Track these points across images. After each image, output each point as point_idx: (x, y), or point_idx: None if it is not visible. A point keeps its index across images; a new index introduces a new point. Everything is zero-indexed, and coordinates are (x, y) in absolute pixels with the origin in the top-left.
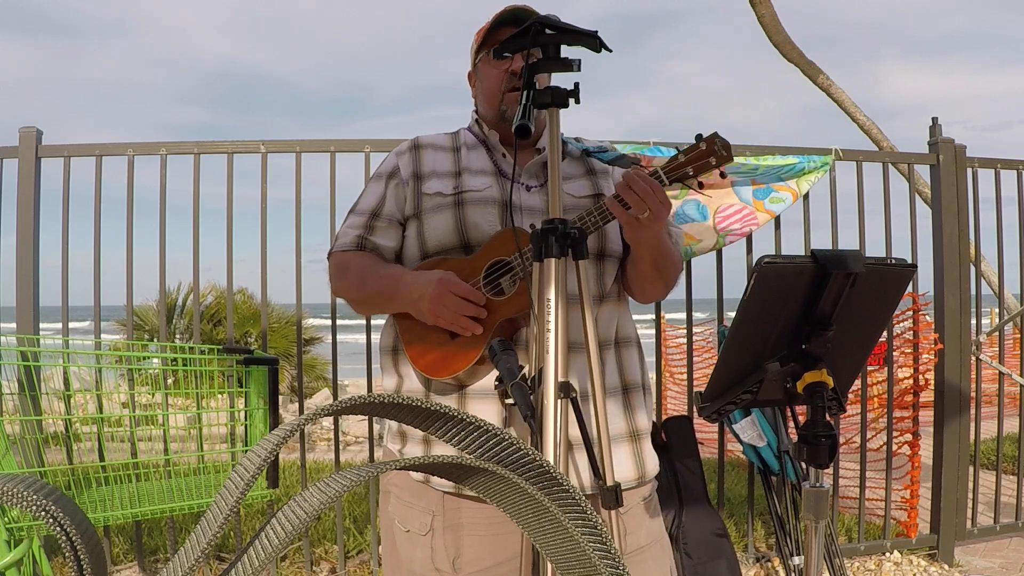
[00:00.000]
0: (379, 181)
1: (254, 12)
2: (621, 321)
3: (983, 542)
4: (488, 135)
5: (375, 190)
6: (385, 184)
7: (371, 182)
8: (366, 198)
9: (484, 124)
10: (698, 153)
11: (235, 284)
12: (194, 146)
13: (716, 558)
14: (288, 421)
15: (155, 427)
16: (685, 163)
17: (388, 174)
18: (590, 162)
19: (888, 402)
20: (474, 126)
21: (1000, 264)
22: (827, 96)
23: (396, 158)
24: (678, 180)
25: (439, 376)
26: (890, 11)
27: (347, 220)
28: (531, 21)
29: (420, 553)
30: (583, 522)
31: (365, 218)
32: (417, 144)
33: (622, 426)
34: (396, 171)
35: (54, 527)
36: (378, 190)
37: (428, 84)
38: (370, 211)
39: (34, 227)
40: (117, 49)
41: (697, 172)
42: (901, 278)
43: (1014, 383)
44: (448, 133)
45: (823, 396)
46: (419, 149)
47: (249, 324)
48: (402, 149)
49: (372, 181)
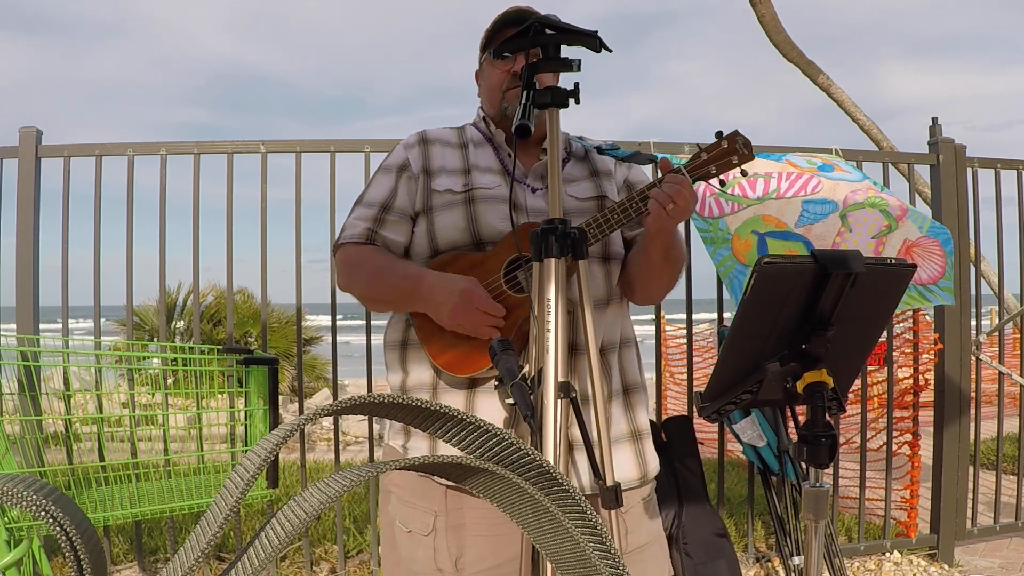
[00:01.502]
0: (388, 173)
1: (254, 12)
2: (624, 323)
3: (983, 542)
4: (495, 133)
5: (385, 182)
6: (396, 177)
7: (379, 174)
8: (375, 190)
9: (491, 122)
10: (720, 151)
11: (235, 284)
12: (194, 146)
13: (716, 558)
14: (288, 421)
15: (155, 427)
16: (708, 161)
17: (399, 167)
18: (594, 163)
19: (888, 402)
20: (480, 123)
21: (1000, 264)
22: (827, 96)
23: (405, 151)
24: (701, 178)
25: (460, 374)
26: (890, 11)
27: (354, 211)
28: (531, 21)
29: (422, 553)
30: (583, 522)
31: (375, 210)
32: (425, 138)
33: (624, 427)
34: (407, 164)
35: (54, 527)
36: (388, 183)
37: (428, 84)
38: (380, 203)
39: (34, 227)
40: (117, 49)
41: (720, 170)
42: (901, 278)
43: (1014, 383)
44: (454, 128)
45: (823, 396)
46: (428, 143)
47: (249, 324)
48: (410, 142)
49: (380, 173)
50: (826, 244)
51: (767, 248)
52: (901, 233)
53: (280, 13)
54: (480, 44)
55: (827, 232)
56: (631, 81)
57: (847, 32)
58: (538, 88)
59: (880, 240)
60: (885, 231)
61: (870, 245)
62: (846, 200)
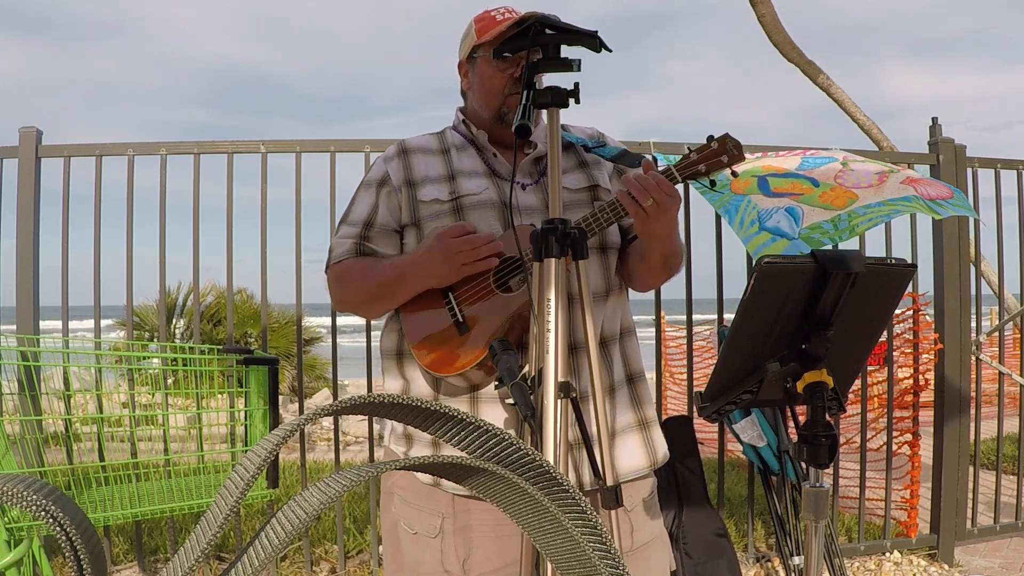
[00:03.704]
0: (369, 190)
1: (255, 12)
2: (624, 312)
3: (983, 542)
4: (477, 135)
5: (366, 199)
6: (376, 192)
7: (360, 190)
8: (358, 208)
9: (471, 124)
10: (710, 152)
11: (235, 284)
12: (194, 146)
13: (716, 558)
14: (288, 421)
15: (155, 427)
16: (697, 160)
17: (378, 182)
18: (581, 152)
19: (888, 402)
20: (460, 126)
21: (1000, 264)
22: (827, 96)
23: (384, 164)
24: (691, 177)
25: (445, 372)
26: (891, 11)
27: (339, 231)
28: (531, 21)
29: (429, 556)
30: (583, 522)
31: (359, 228)
32: (404, 148)
33: (631, 417)
34: (387, 179)
35: (54, 527)
36: (369, 199)
37: (428, 84)
38: (363, 222)
39: (34, 227)
40: (118, 49)
41: (709, 169)
42: (901, 278)
43: (1014, 383)
44: (433, 134)
45: (823, 396)
46: (407, 154)
47: (249, 324)
48: (390, 155)
49: (361, 189)
50: (828, 179)
51: (768, 185)
52: (904, 173)
53: (281, 13)
54: (472, 35)
55: (828, 170)
56: (631, 81)
57: (847, 32)
58: (538, 88)
59: (883, 175)
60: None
61: (874, 178)
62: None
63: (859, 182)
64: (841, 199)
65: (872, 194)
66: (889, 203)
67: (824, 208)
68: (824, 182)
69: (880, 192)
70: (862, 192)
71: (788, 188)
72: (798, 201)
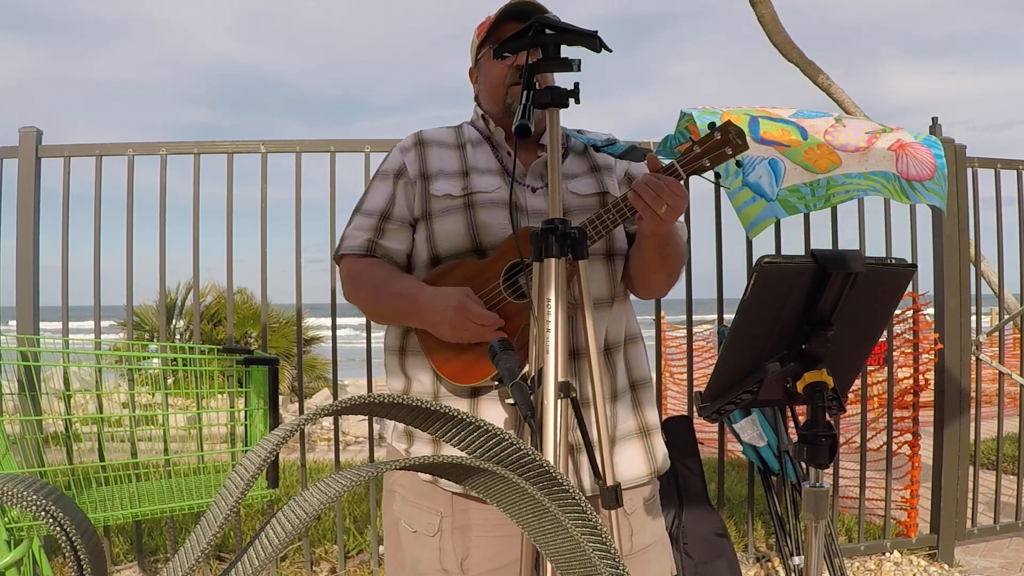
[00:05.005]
0: (386, 180)
1: (255, 12)
2: (629, 318)
3: (983, 542)
4: (493, 132)
5: (383, 189)
6: (393, 183)
7: (376, 180)
8: (374, 197)
9: (490, 120)
10: (713, 143)
11: (235, 284)
12: (194, 146)
13: (716, 558)
14: (288, 421)
15: (155, 427)
16: (701, 154)
17: (396, 172)
18: (594, 157)
19: (888, 402)
20: (478, 121)
21: (1000, 264)
22: (827, 96)
23: (401, 155)
24: (695, 172)
25: (466, 383)
26: (891, 11)
27: (353, 220)
28: (531, 21)
29: (427, 554)
30: (583, 522)
31: (375, 220)
32: (422, 140)
33: (632, 424)
34: (403, 170)
35: (54, 527)
36: (386, 190)
37: (429, 84)
38: (380, 212)
39: (34, 227)
40: (118, 49)
41: (713, 163)
42: (901, 278)
43: (1014, 383)
44: (451, 127)
45: (823, 396)
46: (424, 146)
47: (249, 324)
48: (406, 145)
49: (378, 179)
50: (818, 134)
51: (759, 127)
52: (895, 135)
53: (282, 13)
54: (475, 40)
55: (820, 124)
56: (631, 81)
57: (847, 32)
58: (538, 88)
59: (873, 135)
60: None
61: (863, 139)
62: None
63: (847, 142)
64: (824, 161)
65: (856, 161)
66: (869, 176)
67: (805, 168)
68: (812, 136)
69: (864, 160)
70: (847, 157)
71: (777, 135)
72: (784, 153)
